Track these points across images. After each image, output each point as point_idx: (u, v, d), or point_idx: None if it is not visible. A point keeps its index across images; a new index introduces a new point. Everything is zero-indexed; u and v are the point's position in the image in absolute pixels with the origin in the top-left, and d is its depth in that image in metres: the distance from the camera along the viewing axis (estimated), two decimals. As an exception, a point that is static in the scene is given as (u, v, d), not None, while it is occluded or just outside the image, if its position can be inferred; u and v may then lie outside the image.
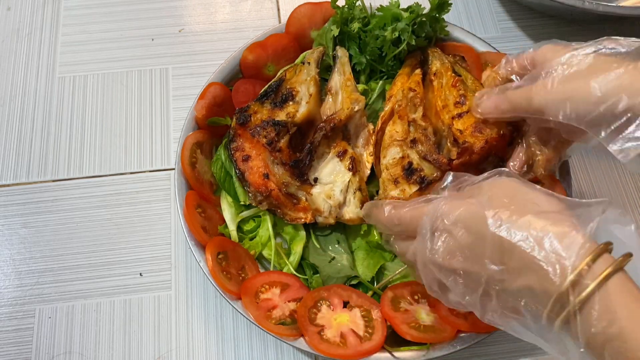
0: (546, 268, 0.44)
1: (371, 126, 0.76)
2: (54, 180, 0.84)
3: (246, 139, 0.72)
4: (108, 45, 0.94)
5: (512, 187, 0.50)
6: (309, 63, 0.76)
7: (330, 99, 0.76)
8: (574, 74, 0.55)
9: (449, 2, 0.77)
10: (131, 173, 0.85)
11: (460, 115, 0.69)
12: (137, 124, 0.88)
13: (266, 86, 0.77)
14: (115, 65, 0.93)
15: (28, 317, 0.75)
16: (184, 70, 0.92)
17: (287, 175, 0.71)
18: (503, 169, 0.55)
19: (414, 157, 0.70)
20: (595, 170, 0.84)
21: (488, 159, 0.68)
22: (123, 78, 0.92)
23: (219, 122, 0.77)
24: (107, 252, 0.79)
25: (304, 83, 0.75)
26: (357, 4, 0.79)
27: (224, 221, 0.75)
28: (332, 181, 0.72)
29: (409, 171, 0.69)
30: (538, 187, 0.51)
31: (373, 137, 0.75)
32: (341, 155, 0.72)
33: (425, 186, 0.68)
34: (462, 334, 0.65)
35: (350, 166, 0.72)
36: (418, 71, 0.77)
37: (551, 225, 0.45)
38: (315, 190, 0.71)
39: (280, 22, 0.96)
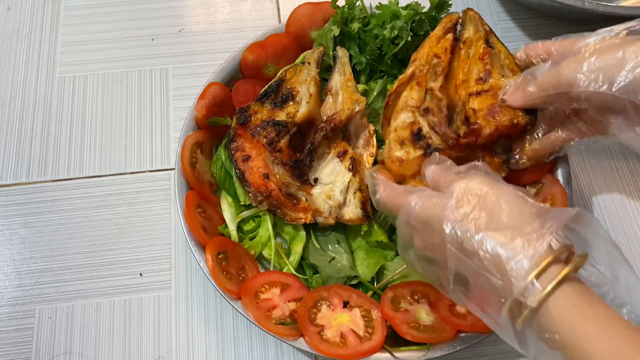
0: (494, 285, 0.46)
1: (372, 127, 0.76)
2: (54, 180, 0.84)
3: (246, 139, 0.72)
4: (108, 45, 0.94)
5: (481, 189, 0.51)
6: (309, 63, 0.76)
7: (331, 99, 0.76)
8: (607, 46, 0.56)
9: (449, 2, 0.77)
10: (131, 173, 0.85)
11: (478, 93, 0.68)
12: (137, 124, 0.88)
13: (266, 86, 0.77)
14: (115, 65, 0.93)
15: (28, 317, 0.75)
16: (184, 70, 0.92)
17: (287, 176, 0.71)
18: (479, 164, 0.56)
19: (424, 125, 0.69)
20: (595, 170, 0.84)
21: (498, 140, 0.68)
22: (123, 78, 0.92)
23: (219, 122, 0.78)
24: (107, 252, 0.79)
25: (304, 83, 0.75)
26: (357, 4, 0.79)
27: (224, 221, 0.75)
28: (332, 181, 0.72)
29: (417, 136, 0.68)
30: (509, 187, 0.51)
31: (374, 139, 0.75)
32: (341, 155, 0.72)
33: (430, 153, 0.67)
34: (462, 334, 0.65)
35: (351, 167, 0.72)
36: (449, 36, 0.73)
37: (503, 243, 0.46)
38: (315, 190, 0.71)
39: (280, 22, 0.96)
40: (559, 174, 0.72)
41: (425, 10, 0.77)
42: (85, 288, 0.77)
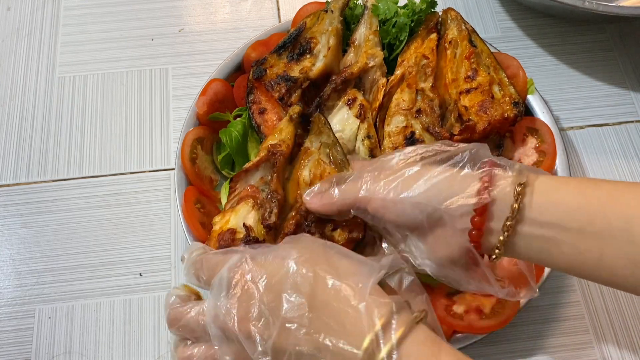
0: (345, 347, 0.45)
1: (383, 80, 0.74)
2: (54, 180, 0.84)
3: (262, 92, 0.73)
4: (108, 45, 0.94)
5: (314, 246, 0.51)
6: (332, 11, 0.74)
7: (352, 52, 0.75)
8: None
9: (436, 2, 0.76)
10: (131, 173, 0.85)
11: (468, 91, 0.70)
12: (137, 124, 0.88)
13: (285, 36, 0.75)
14: (115, 65, 0.93)
15: (28, 317, 0.75)
16: (184, 70, 0.92)
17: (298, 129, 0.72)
18: (303, 234, 0.57)
19: (417, 128, 0.70)
20: (595, 170, 0.84)
21: (489, 136, 0.70)
22: (123, 78, 0.92)
23: (221, 118, 0.78)
24: (107, 252, 0.79)
25: (324, 33, 0.73)
26: (358, 2, 0.79)
27: (223, 218, 0.75)
28: (341, 130, 0.72)
29: (411, 141, 0.70)
30: (338, 247, 0.52)
31: (381, 93, 0.73)
32: (350, 102, 0.72)
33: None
34: (458, 334, 0.65)
35: (359, 113, 0.71)
36: (434, 36, 0.75)
37: (351, 299, 0.46)
38: None
39: (280, 21, 0.96)
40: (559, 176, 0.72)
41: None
42: (85, 288, 0.77)
